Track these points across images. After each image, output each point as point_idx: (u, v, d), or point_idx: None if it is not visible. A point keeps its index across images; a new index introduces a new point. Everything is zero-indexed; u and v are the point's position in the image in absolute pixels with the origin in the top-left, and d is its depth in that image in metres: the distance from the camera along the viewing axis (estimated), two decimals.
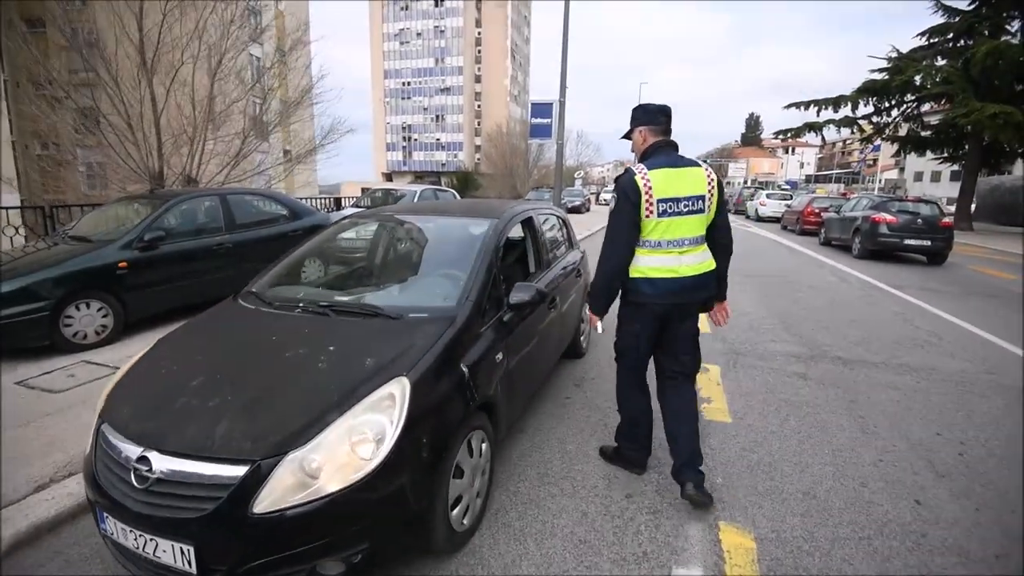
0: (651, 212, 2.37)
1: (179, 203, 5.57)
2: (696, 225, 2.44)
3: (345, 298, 2.62)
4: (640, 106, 2.59)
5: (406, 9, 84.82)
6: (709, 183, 2.43)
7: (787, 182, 62.63)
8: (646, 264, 2.44)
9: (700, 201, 2.40)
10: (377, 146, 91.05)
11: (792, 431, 3.29)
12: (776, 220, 21.34)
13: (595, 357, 4.58)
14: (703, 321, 5.80)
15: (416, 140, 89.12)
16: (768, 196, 23.99)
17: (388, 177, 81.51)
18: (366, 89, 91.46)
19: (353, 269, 3.04)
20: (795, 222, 17.61)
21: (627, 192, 2.38)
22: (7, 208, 7.14)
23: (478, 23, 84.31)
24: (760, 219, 23.01)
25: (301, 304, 2.51)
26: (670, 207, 2.38)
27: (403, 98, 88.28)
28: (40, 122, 10.56)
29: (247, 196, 6.61)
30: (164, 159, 9.88)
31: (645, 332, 2.54)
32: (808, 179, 68.38)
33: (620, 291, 2.58)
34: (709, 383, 4.04)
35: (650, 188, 2.35)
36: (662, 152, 2.47)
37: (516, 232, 3.64)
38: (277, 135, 14.51)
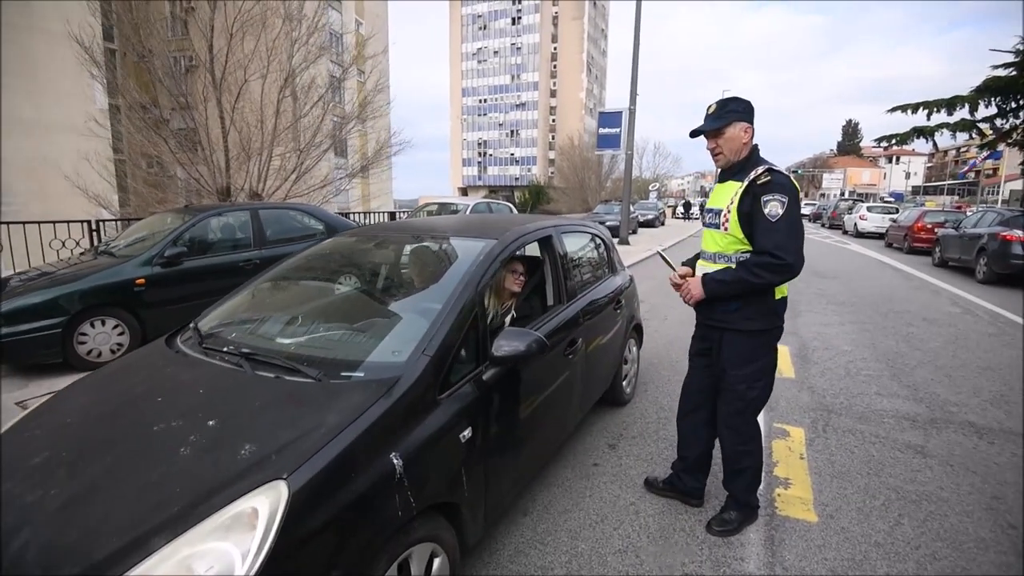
0: None
1: (207, 218, 5.39)
2: None
3: (284, 341, 2.05)
4: (738, 98, 2.20)
5: (484, 29, 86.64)
6: None
7: (891, 194, 56.98)
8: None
9: None
10: (454, 162, 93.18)
11: (907, 544, 2.30)
12: (878, 236, 19.79)
13: (640, 407, 3.75)
14: (785, 364, 4.85)
15: (491, 155, 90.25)
16: (869, 209, 22.10)
17: (464, 192, 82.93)
18: (444, 107, 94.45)
19: (310, 302, 2.49)
20: (903, 239, 15.60)
21: (798, 196, 2.08)
22: (85, 221, 7.41)
23: (554, 39, 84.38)
24: (859, 234, 21.42)
25: (227, 347, 1.97)
26: None
27: (479, 115, 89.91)
28: (144, 142, 11.32)
29: (281, 211, 6.40)
30: (230, 175, 10.18)
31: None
32: (915, 191, 61.44)
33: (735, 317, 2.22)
34: (789, 455, 3.09)
35: None
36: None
37: (532, 257, 2.97)
38: (354, 150, 14.74)
